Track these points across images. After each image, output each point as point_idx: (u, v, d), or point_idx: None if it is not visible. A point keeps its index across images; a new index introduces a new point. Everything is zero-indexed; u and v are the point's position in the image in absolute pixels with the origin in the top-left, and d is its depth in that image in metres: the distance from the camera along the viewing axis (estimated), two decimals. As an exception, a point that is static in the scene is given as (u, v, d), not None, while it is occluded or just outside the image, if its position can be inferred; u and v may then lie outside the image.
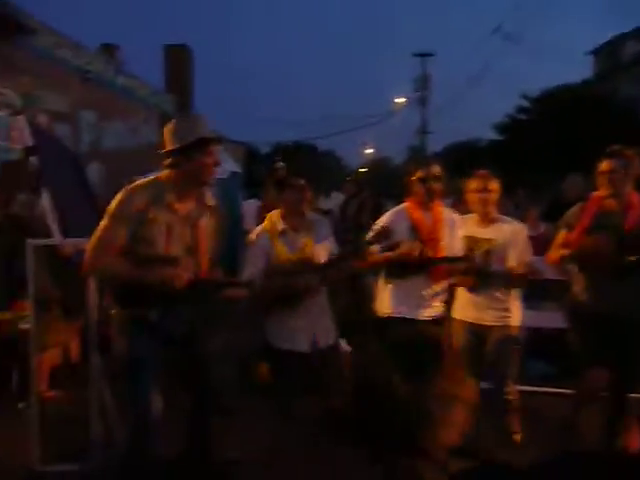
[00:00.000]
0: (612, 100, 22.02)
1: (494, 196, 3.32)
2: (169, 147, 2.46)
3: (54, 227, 3.08)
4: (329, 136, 46.68)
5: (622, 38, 26.34)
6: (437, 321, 3.18)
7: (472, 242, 3.31)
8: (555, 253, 3.27)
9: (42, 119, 7.02)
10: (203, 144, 2.44)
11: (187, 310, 2.53)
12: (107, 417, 3.21)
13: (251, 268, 2.97)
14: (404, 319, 3.11)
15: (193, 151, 2.42)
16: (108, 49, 10.55)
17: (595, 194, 3.23)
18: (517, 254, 3.28)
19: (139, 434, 2.42)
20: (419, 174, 3.11)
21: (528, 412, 3.54)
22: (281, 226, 3.02)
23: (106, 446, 3.10)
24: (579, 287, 3.20)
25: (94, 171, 7.55)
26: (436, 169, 3.12)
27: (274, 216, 3.08)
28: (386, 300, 3.19)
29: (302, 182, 3.01)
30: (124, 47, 10.87)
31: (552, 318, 3.99)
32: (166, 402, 2.48)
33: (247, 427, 3.33)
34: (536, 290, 3.71)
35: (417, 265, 3.02)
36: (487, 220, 3.35)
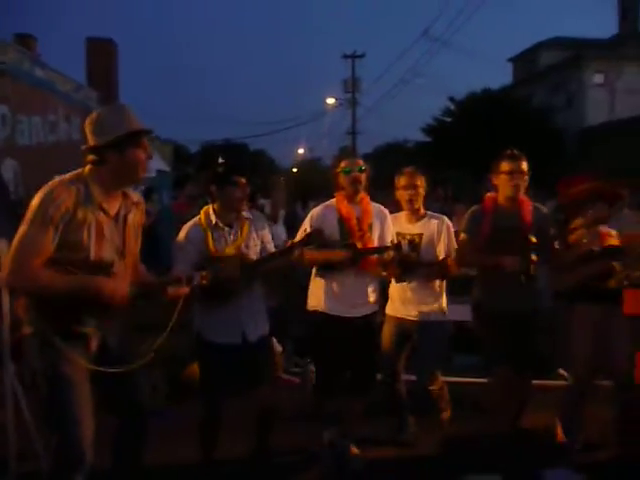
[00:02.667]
0: (527, 106, 23.30)
1: (421, 192, 3.46)
2: (95, 141, 2.25)
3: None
4: (261, 136, 46.42)
5: (539, 47, 27.89)
6: (369, 318, 3.22)
7: (402, 238, 3.41)
8: (462, 257, 3.40)
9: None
10: (136, 137, 2.27)
11: (119, 322, 2.39)
12: (25, 429, 3.03)
13: (181, 265, 2.89)
14: (336, 317, 3.15)
15: (125, 145, 2.24)
16: (24, 40, 9.97)
17: (489, 195, 3.42)
18: (444, 248, 3.44)
19: (64, 463, 2.22)
20: (343, 165, 3.19)
21: (454, 402, 3.72)
22: (215, 221, 3.00)
23: (26, 459, 2.94)
24: (481, 286, 3.39)
25: (8, 168, 7.10)
26: (359, 161, 3.21)
27: (209, 210, 3.05)
28: (318, 296, 3.22)
29: (243, 180, 3.00)
30: (42, 39, 10.32)
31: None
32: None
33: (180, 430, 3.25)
34: (459, 284, 3.88)
35: (347, 260, 3.06)
36: (415, 216, 3.49)
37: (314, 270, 3.27)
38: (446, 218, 3.58)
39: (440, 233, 3.45)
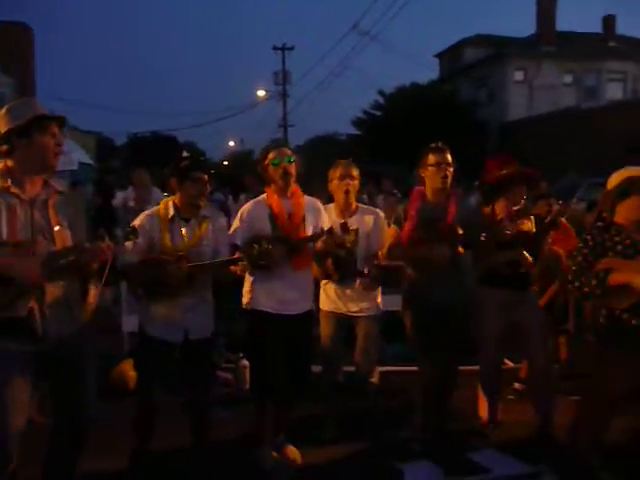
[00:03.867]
0: (454, 100, 24.06)
1: (356, 184, 3.46)
2: (3, 129, 2.28)
3: None
4: (190, 128, 45.29)
5: (463, 43, 28.80)
6: (305, 315, 3.19)
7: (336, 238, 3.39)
8: (389, 250, 3.44)
9: None
10: (42, 122, 2.28)
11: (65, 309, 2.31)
12: None
13: (128, 253, 2.82)
14: (272, 314, 3.10)
15: (32, 131, 2.26)
16: None
17: (417, 189, 3.47)
18: (377, 241, 3.45)
19: None
20: (271, 156, 3.12)
21: (387, 390, 3.80)
22: (173, 214, 2.92)
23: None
24: (410, 277, 3.44)
25: None
26: (288, 151, 3.14)
27: (169, 203, 2.97)
28: (253, 294, 3.16)
29: (204, 176, 2.93)
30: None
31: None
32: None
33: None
34: (391, 275, 3.94)
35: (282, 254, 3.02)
36: (349, 210, 3.48)
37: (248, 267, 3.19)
38: (380, 212, 3.61)
39: (375, 227, 3.46)
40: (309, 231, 3.15)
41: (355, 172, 3.45)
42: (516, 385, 4.21)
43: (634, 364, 2.63)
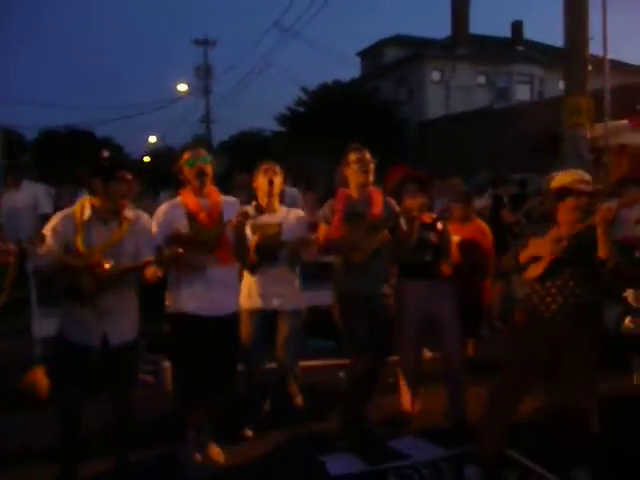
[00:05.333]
0: (375, 98, 24.60)
1: (278, 186, 3.55)
2: None
3: None
4: (107, 122, 43.29)
5: (383, 43, 29.48)
6: (230, 317, 3.16)
7: (258, 228, 3.40)
8: (319, 245, 3.52)
9: None
10: None
11: None
12: None
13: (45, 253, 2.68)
14: (196, 316, 3.05)
15: None
16: None
17: (341, 188, 3.58)
18: (298, 237, 3.46)
19: None
20: (186, 157, 3.11)
21: (309, 385, 3.84)
22: (89, 216, 2.80)
23: None
24: (339, 271, 3.52)
25: None
26: (203, 152, 3.15)
27: (84, 203, 2.84)
28: (176, 295, 3.10)
29: (129, 176, 2.83)
30: None
31: (328, 297, 4.30)
32: None
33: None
34: (312, 271, 4.01)
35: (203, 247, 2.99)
36: (271, 208, 3.53)
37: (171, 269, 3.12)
38: (300, 211, 3.74)
39: (295, 225, 3.53)
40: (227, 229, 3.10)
41: (277, 178, 3.52)
42: None
43: (537, 341, 2.89)
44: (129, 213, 2.92)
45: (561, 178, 2.92)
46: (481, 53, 25.58)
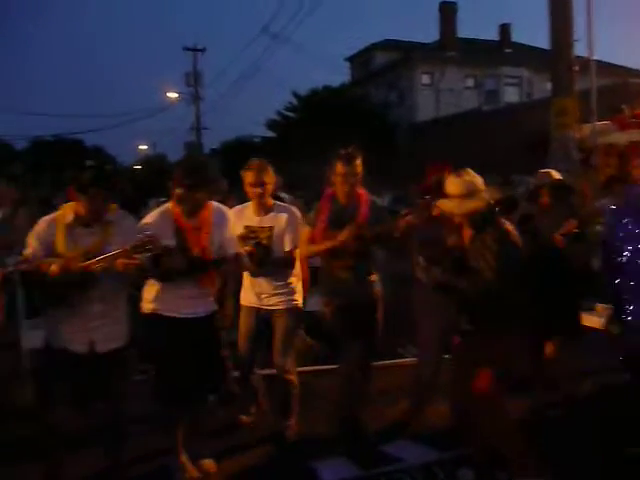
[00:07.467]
0: (366, 102, 24.69)
1: (270, 187, 3.47)
2: None
3: None
4: (98, 130, 43.23)
5: (372, 48, 29.59)
6: (208, 317, 3.12)
7: (251, 232, 3.39)
8: (304, 249, 3.53)
9: None
10: None
11: None
12: None
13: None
14: (172, 318, 3.03)
15: None
16: None
17: (328, 192, 3.58)
18: (292, 238, 3.45)
19: None
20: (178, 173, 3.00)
21: (304, 390, 3.82)
22: (71, 220, 2.79)
23: None
24: (324, 276, 3.52)
25: None
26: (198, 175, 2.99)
27: (68, 208, 2.84)
28: (153, 297, 3.07)
29: (102, 192, 2.77)
30: None
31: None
32: None
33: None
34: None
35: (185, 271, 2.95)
36: (264, 209, 3.49)
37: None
38: (295, 209, 3.62)
39: (289, 225, 3.47)
40: (215, 241, 3.05)
41: (267, 177, 3.44)
42: None
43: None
44: (113, 216, 2.89)
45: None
46: (469, 56, 25.73)
